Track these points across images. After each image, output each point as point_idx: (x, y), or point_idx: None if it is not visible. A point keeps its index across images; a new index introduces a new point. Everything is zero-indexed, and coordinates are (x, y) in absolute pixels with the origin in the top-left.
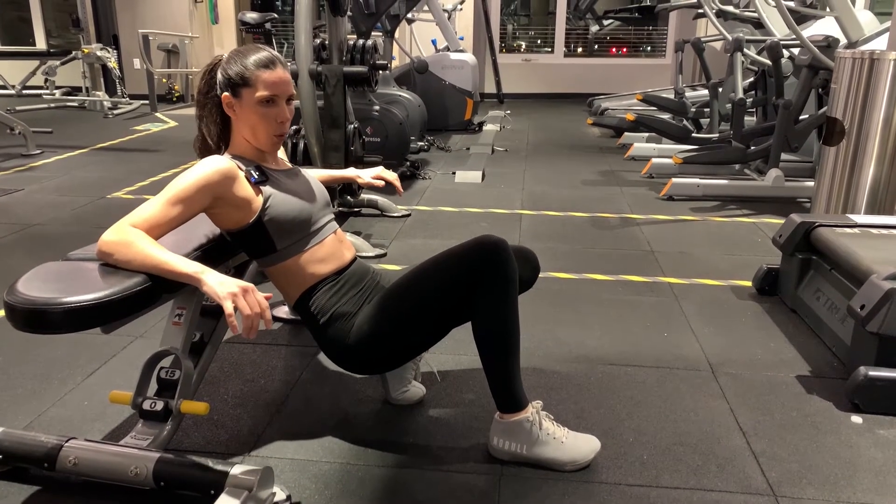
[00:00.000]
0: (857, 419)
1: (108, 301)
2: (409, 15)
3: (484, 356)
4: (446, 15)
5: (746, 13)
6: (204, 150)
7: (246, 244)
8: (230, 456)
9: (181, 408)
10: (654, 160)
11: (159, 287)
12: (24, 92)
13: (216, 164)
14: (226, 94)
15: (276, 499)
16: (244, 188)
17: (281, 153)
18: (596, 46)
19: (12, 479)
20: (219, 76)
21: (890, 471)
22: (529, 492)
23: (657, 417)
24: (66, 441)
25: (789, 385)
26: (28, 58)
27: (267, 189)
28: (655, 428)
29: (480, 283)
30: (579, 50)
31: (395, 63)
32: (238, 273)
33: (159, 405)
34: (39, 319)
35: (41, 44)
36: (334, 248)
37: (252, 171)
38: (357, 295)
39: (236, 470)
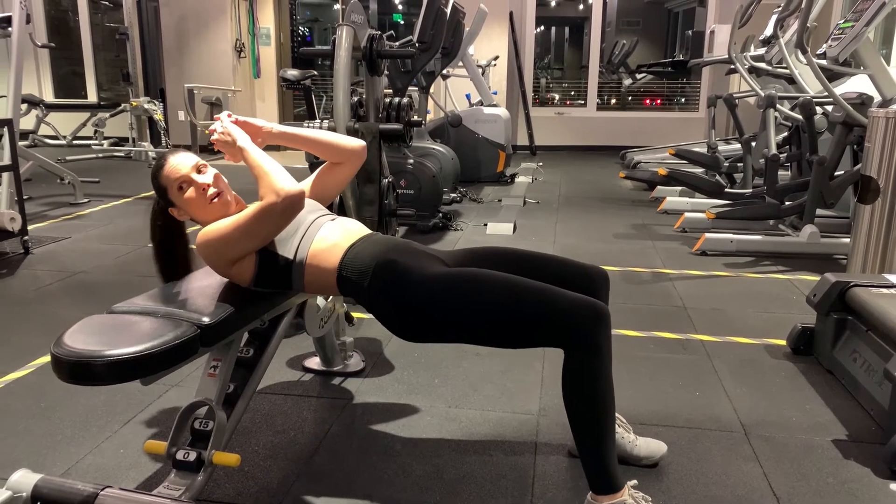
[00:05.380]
0: (895, 487)
1: (150, 354)
2: (444, 71)
3: (576, 428)
4: (480, 70)
5: (779, 69)
6: (170, 266)
7: (271, 277)
8: None
9: (213, 459)
10: (687, 214)
11: (198, 340)
12: (74, 142)
13: None
14: (170, 209)
15: None
16: None
17: None
18: (630, 99)
19: None
20: (154, 206)
21: None
22: None
23: (688, 480)
24: (102, 489)
25: (825, 449)
26: (80, 110)
27: None
28: (686, 491)
29: (570, 344)
30: (612, 102)
31: (429, 117)
32: (272, 326)
33: (192, 456)
34: (83, 372)
35: (92, 96)
36: (340, 228)
37: None
38: (392, 249)
39: None
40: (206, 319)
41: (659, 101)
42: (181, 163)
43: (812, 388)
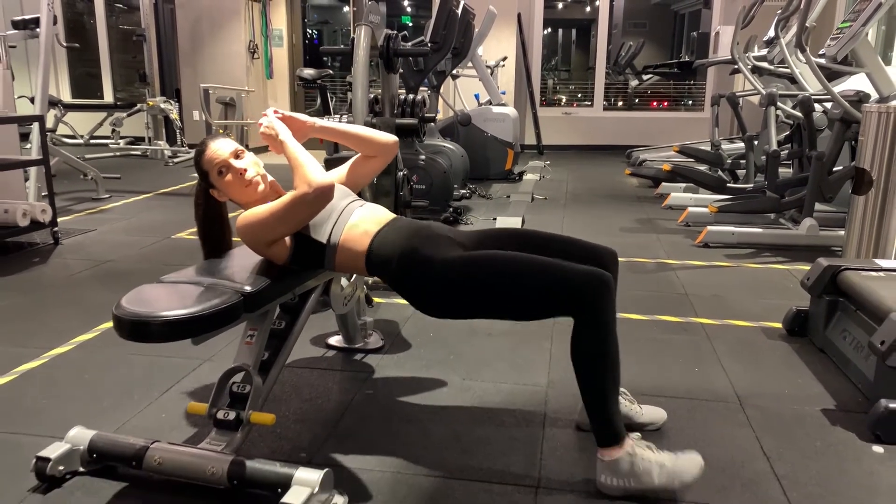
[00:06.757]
0: (878, 449)
1: (200, 316)
2: (455, 71)
3: (583, 388)
4: (489, 71)
5: (781, 69)
6: (211, 243)
7: (304, 258)
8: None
9: (251, 418)
10: (691, 209)
11: (241, 306)
12: (91, 141)
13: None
14: (210, 189)
15: (336, 501)
16: None
17: None
18: (637, 101)
19: (103, 476)
20: (197, 187)
21: None
22: (565, 503)
23: (686, 443)
24: (152, 443)
25: (814, 417)
26: (97, 110)
27: None
28: (684, 451)
29: (578, 310)
30: (620, 104)
31: (440, 116)
32: (301, 301)
33: (231, 415)
34: (142, 330)
35: (108, 97)
36: (368, 214)
37: None
38: (414, 235)
39: (301, 472)
40: (248, 288)
41: (666, 104)
42: (221, 148)
43: (805, 365)
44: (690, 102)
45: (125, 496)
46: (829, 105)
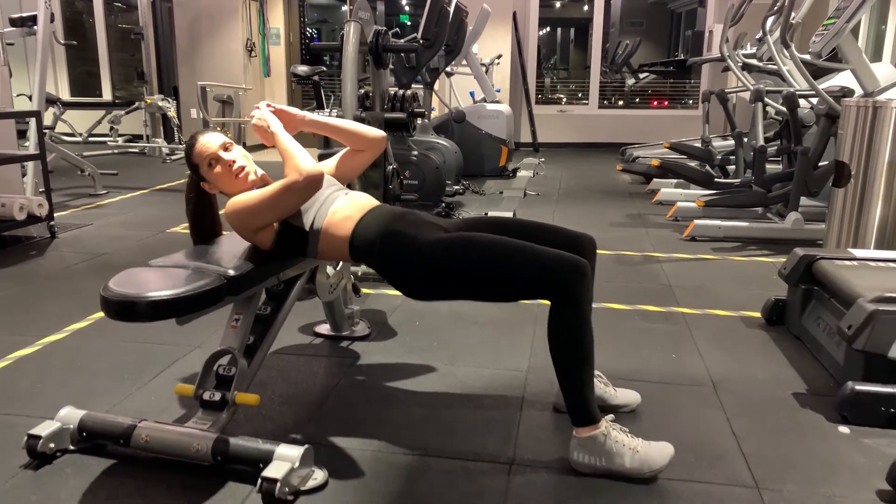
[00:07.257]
0: (844, 429)
1: (184, 297)
2: (448, 68)
3: (559, 369)
4: (484, 69)
5: (770, 66)
6: (202, 233)
7: (288, 245)
8: None
9: (236, 399)
10: (680, 204)
11: (224, 288)
12: (90, 139)
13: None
14: (202, 183)
15: (316, 476)
16: None
17: None
18: (637, 100)
19: (92, 453)
20: (189, 180)
21: (868, 471)
22: (537, 480)
23: (658, 423)
24: (140, 422)
25: (785, 400)
26: (95, 108)
27: None
28: (657, 430)
29: (554, 295)
30: (620, 103)
31: (434, 113)
32: (287, 287)
33: (217, 396)
34: (128, 310)
35: (107, 95)
36: (352, 201)
37: None
38: (397, 219)
39: (282, 448)
40: (231, 272)
41: (666, 102)
42: (210, 141)
43: (780, 352)
44: (691, 102)
45: (113, 473)
46: (815, 101)
